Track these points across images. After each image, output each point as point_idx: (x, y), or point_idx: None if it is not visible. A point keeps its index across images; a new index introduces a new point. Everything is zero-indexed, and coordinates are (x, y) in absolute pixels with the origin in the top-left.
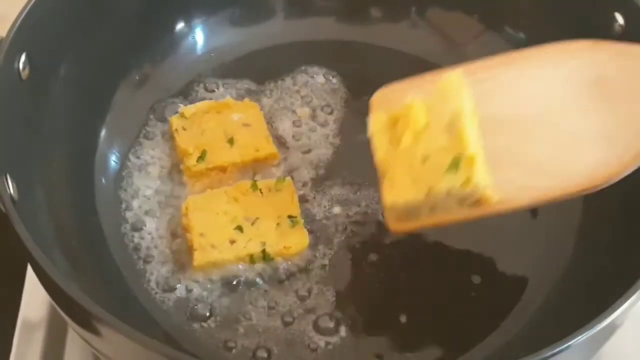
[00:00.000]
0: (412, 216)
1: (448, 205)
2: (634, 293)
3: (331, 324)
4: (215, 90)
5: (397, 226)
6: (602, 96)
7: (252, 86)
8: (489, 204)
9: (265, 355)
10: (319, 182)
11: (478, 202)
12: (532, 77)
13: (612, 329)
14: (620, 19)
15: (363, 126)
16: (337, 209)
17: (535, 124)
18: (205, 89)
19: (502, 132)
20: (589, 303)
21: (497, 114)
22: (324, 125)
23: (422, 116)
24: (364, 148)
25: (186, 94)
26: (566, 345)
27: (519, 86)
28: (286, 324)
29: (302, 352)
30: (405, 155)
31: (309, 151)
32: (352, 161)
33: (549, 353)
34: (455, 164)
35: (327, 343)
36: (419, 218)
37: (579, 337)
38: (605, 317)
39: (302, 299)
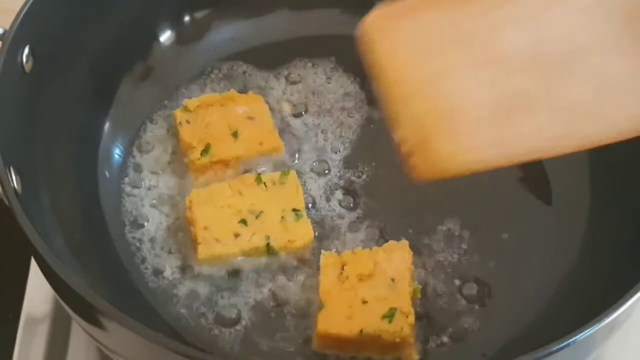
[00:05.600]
0: (336, 347)
1: (372, 348)
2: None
3: None
4: (220, 83)
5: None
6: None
7: (257, 79)
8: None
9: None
10: (324, 175)
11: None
12: (555, 7)
13: (617, 324)
14: None
15: (366, 119)
16: (342, 202)
17: (567, 62)
18: (210, 81)
19: (528, 71)
20: (594, 299)
21: (521, 51)
22: (329, 118)
23: (370, 266)
24: (370, 140)
25: (190, 86)
26: (572, 340)
27: (540, 18)
28: (291, 319)
29: (307, 346)
30: (349, 293)
31: (313, 144)
32: (358, 154)
33: (555, 348)
34: (391, 314)
35: None
36: (343, 349)
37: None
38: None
39: (307, 292)
